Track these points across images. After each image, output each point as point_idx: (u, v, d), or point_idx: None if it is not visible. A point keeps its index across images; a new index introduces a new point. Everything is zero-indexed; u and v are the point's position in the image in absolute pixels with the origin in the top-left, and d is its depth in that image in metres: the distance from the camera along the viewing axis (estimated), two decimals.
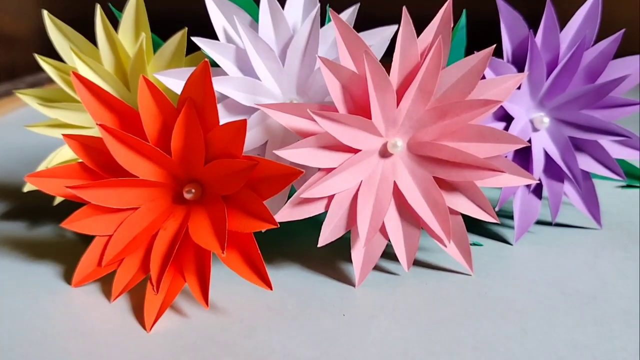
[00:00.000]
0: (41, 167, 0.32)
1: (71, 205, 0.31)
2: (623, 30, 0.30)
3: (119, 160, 0.25)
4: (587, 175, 0.32)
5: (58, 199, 0.32)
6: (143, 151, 0.25)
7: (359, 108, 0.26)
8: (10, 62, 1.00)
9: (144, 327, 0.24)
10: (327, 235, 0.27)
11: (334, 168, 0.26)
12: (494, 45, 0.26)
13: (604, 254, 0.30)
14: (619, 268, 0.28)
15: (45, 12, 0.31)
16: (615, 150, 0.32)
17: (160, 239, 0.26)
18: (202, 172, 0.26)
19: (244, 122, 0.23)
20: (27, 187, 0.32)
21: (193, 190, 0.26)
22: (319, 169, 0.27)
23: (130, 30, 0.30)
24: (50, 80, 0.76)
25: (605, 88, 0.30)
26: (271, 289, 0.24)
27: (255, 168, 0.24)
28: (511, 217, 0.33)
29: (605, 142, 0.31)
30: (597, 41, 0.30)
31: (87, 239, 0.31)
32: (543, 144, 0.31)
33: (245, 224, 0.25)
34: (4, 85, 0.73)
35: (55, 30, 0.31)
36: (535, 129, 0.31)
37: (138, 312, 0.25)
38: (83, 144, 0.26)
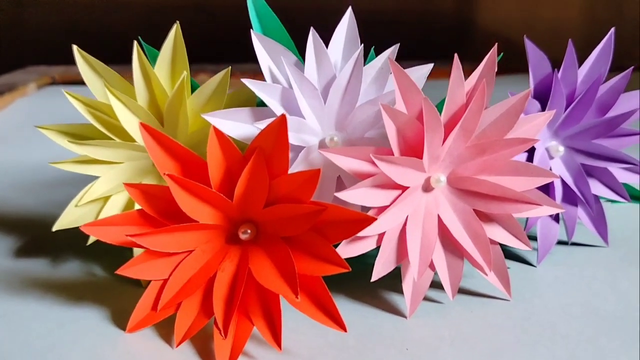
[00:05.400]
0: (70, 206, 0.31)
1: (88, 238, 0.30)
2: (632, 67, 0.33)
3: (183, 208, 0.25)
4: (597, 199, 0.35)
5: (91, 240, 0.31)
6: (206, 197, 0.25)
7: (409, 147, 0.28)
8: None
9: None
10: (380, 269, 0.28)
11: (386, 206, 0.28)
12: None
13: (619, 273, 0.32)
14: (637, 285, 0.31)
15: (75, 47, 0.30)
16: (620, 175, 0.34)
17: (219, 282, 0.26)
18: (260, 213, 0.26)
19: (317, 171, 0.24)
20: (57, 226, 0.31)
21: (249, 231, 0.27)
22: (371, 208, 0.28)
23: (167, 66, 0.30)
24: (10, 89, 0.72)
25: (616, 120, 0.32)
26: (346, 330, 0.25)
27: (322, 213, 0.25)
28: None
29: (612, 168, 0.34)
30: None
31: (121, 278, 0.30)
32: (558, 171, 0.34)
33: (314, 267, 0.25)
34: None
35: (85, 66, 0.30)
36: (550, 157, 0.34)
37: (205, 356, 0.26)
38: (143, 191, 0.26)
